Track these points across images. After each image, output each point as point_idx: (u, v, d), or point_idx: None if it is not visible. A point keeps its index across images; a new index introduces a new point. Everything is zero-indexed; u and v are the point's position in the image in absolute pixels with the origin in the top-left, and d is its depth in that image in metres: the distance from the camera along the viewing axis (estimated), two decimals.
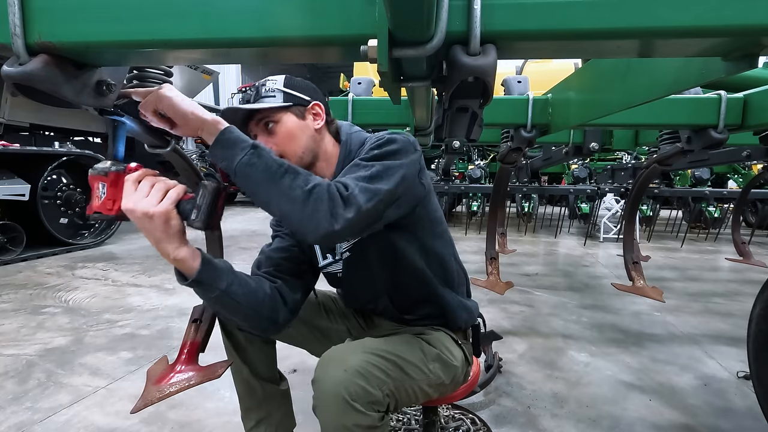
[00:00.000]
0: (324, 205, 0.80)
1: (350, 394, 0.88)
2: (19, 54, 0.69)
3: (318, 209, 0.80)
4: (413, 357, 1.03)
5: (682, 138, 2.02)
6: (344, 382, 0.89)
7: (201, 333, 1.15)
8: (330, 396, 0.89)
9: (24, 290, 3.41)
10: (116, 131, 0.92)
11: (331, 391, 0.89)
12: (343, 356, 0.94)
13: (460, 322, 1.19)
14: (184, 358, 1.12)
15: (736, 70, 0.76)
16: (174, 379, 1.07)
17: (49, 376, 2.01)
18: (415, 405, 1.09)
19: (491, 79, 0.65)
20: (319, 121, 1.10)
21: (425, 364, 1.05)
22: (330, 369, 0.92)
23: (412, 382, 1.01)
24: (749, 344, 1.48)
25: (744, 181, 6.47)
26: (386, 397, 0.94)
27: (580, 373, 2.10)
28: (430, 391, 1.07)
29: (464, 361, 1.17)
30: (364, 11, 0.63)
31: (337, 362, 0.93)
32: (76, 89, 0.77)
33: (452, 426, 1.57)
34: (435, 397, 1.10)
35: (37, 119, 5.41)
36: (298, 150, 1.06)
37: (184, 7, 0.67)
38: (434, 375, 1.06)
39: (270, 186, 0.82)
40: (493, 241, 2.74)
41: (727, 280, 4.11)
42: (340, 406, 0.88)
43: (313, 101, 1.10)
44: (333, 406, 0.89)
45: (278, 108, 1.04)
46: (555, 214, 7.41)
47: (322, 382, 0.91)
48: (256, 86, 1.08)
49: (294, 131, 1.05)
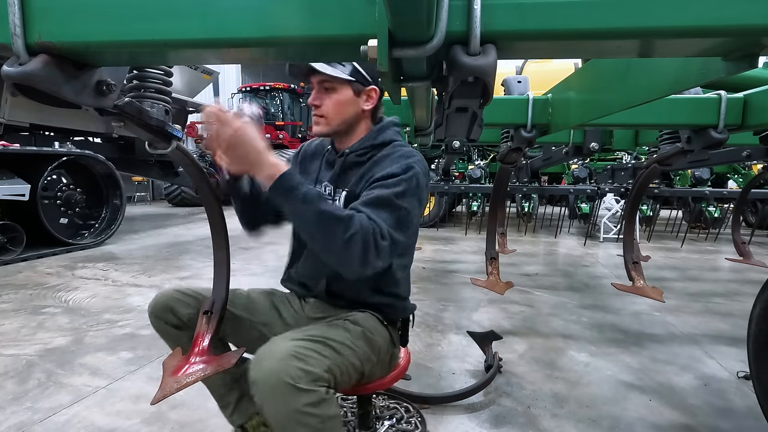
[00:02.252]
0: (358, 253, 0.94)
1: (292, 378, 0.89)
2: (19, 54, 0.69)
3: (353, 257, 0.94)
4: (338, 336, 1.07)
5: (682, 138, 2.02)
6: (282, 369, 0.90)
7: (213, 324, 1.17)
8: (273, 387, 0.89)
9: (24, 290, 3.41)
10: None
11: (273, 382, 0.89)
12: (272, 349, 0.95)
13: (391, 316, 1.25)
14: (198, 350, 1.14)
15: (736, 70, 0.76)
16: (190, 370, 1.09)
17: (49, 376, 2.01)
18: (351, 384, 1.12)
19: (491, 79, 0.65)
20: (369, 103, 1.19)
21: (351, 341, 1.09)
22: (264, 364, 0.92)
23: (343, 359, 1.04)
24: (749, 344, 1.48)
25: (744, 181, 6.47)
26: (325, 372, 0.96)
27: (580, 373, 2.10)
28: (360, 366, 1.10)
29: (389, 340, 1.22)
30: (364, 11, 0.64)
31: (268, 356, 0.94)
32: (76, 89, 0.77)
33: (387, 414, 1.61)
34: (368, 373, 1.15)
35: (37, 119, 5.41)
36: (338, 119, 1.17)
37: (183, 8, 0.67)
38: (361, 350, 1.10)
39: (315, 230, 0.96)
40: (493, 241, 2.74)
41: (727, 280, 4.11)
42: (286, 392, 0.89)
43: (373, 85, 1.18)
44: (279, 395, 0.89)
45: (342, 78, 1.12)
46: (555, 214, 7.41)
47: (260, 378, 0.91)
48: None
49: (345, 104, 1.16)
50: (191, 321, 1.21)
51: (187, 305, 1.22)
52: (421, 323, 2.75)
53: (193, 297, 1.23)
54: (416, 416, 1.62)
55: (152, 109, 1.00)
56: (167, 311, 1.20)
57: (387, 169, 1.09)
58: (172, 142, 1.08)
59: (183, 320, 1.21)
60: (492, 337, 2.17)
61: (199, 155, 8.86)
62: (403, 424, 1.56)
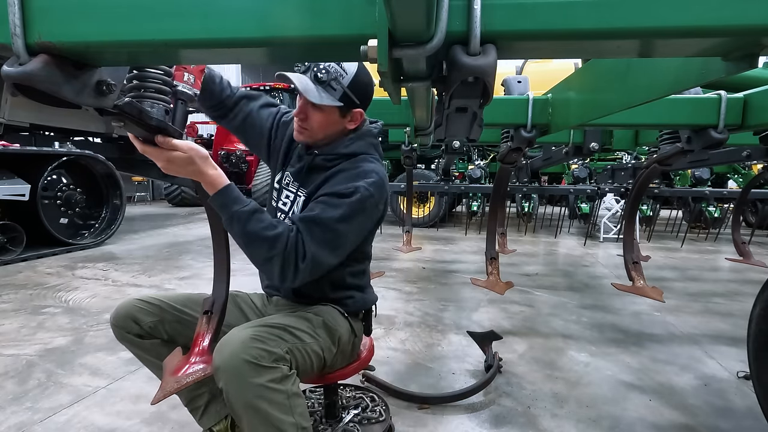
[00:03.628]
0: (277, 272, 1.05)
1: (254, 357, 0.93)
2: (19, 54, 0.69)
3: (272, 273, 1.06)
4: (300, 325, 1.12)
5: (682, 138, 2.02)
6: (243, 351, 0.94)
7: (213, 324, 1.17)
8: (236, 368, 0.93)
9: (24, 290, 3.41)
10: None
11: (235, 363, 0.93)
12: (232, 336, 0.99)
13: (352, 308, 1.30)
14: (198, 350, 1.14)
15: (736, 70, 0.76)
16: (190, 370, 1.10)
17: (49, 376, 2.01)
18: (314, 372, 1.17)
19: (491, 79, 0.65)
20: (353, 124, 1.23)
21: (312, 330, 1.14)
22: (225, 350, 0.96)
23: (304, 345, 1.09)
24: (749, 344, 1.48)
25: (744, 181, 6.47)
26: (286, 354, 1.00)
27: (580, 373, 2.10)
28: (321, 354, 1.14)
29: (350, 331, 1.27)
30: (364, 11, 0.63)
31: (229, 343, 0.97)
32: (76, 89, 0.77)
33: (353, 404, 1.65)
34: (329, 362, 1.20)
35: (37, 119, 5.41)
36: (321, 134, 1.20)
37: (184, 7, 0.67)
38: (322, 339, 1.15)
39: (242, 243, 1.05)
40: (493, 241, 2.74)
41: (727, 280, 4.11)
42: (249, 371, 0.92)
43: (360, 108, 1.20)
44: (242, 374, 0.92)
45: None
46: (555, 214, 7.41)
47: (223, 363, 0.94)
48: (326, 67, 1.11)
49: (330, 124, 1.18)
50: (154, 330, 1.21)
51: (149, 313, 1.22)
52: (421, 323, 2.75)
53: (156, 305, 1.23)
54: (381, 405, 1.66)
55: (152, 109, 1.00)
56: (129, 320, 1.20)
57: (337, 186, 1.13)
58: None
59: (145, 329, 1.21)
60: (492, 337, 2.17)
61: None
62: (368, 413, 1.60)
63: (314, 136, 1.20)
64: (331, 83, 1.12)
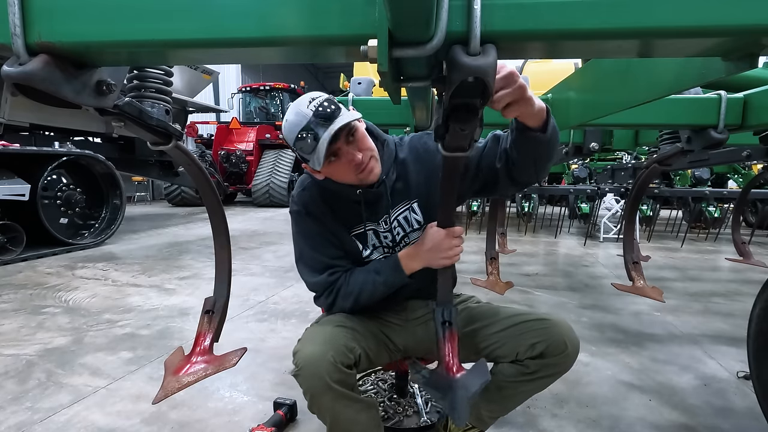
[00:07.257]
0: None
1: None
2: (19, 54, 0.69)
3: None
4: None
5: (682, 138, 2.02)
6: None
7: (214, 324, 1.17)
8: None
9: (24, 290, 3.41)
10: None
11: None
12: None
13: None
14: (199, 350, 1.14)
15: (736, 70, 0.76)
16: (191, 369, 1.10)
17: (49, 376, 2.01)
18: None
19: (491, 79, 0.65)
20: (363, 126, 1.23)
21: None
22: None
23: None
24: (749, 344, 1.48)
25: (744, 181, 6.48)
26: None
27: (580, 373, 2.10)
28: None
29: None
30: (364, 11, 0.63)
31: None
32: (76, 89, 0.77)
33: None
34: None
35: (37, 119, 5.42)
36: (371, 147, 1.19)
37: (184, 8, 0.67)
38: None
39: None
40: (493, 241, 2.74)
41: (727, 280, 4.11)
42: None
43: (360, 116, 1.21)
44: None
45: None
46: (555, 214, 7.41)
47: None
48: (324, 107, 1.06)
49: (365, 134, 1.19)
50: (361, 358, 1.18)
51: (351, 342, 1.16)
52: None
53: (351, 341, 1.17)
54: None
55: (152, 109, 1.00)
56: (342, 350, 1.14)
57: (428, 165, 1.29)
58: (171, 139, 1.07)
59: (356, 354, 1.14)
60: None
61: (199, 155, 8.87)
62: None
63: (371, 151, 1.17)
64: (335, 111, 1.07)
